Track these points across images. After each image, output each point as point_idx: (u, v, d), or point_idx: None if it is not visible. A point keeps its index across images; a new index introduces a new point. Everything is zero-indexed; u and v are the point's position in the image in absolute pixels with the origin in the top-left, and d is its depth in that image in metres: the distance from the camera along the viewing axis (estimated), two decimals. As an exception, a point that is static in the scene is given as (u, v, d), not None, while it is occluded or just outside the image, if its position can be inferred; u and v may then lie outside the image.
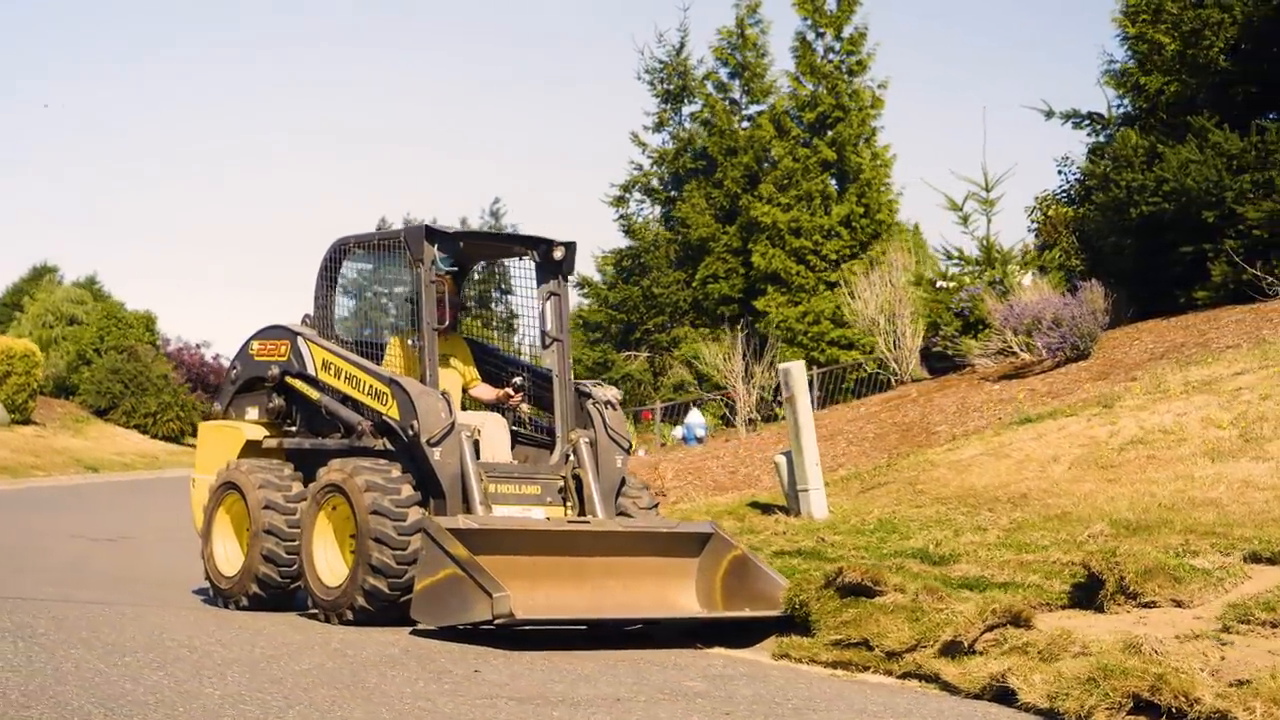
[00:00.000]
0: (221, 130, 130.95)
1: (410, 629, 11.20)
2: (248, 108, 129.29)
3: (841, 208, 36.91)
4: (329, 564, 11.93)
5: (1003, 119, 79.64)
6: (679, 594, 11.99)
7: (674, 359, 38.80)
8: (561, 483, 12.28)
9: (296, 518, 12.41)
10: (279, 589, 12.50)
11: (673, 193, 41.80)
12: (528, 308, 13.28)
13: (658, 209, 42.29)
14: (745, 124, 40.85)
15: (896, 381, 25.92)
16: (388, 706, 7.83)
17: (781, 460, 16.40)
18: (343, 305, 13.54)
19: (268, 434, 13.29)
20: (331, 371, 12.56)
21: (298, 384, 12.97)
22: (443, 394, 11.89)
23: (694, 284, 39.68)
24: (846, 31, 37.94)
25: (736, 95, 41.30)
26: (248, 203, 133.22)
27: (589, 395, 12.59)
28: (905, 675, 9.77)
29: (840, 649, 10.28)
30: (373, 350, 12.95)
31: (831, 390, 32.84)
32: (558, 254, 12.76)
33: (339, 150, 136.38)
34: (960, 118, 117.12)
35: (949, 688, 9.31)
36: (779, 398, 29.94)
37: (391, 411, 11.87)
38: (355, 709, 7.71)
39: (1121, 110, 26.92)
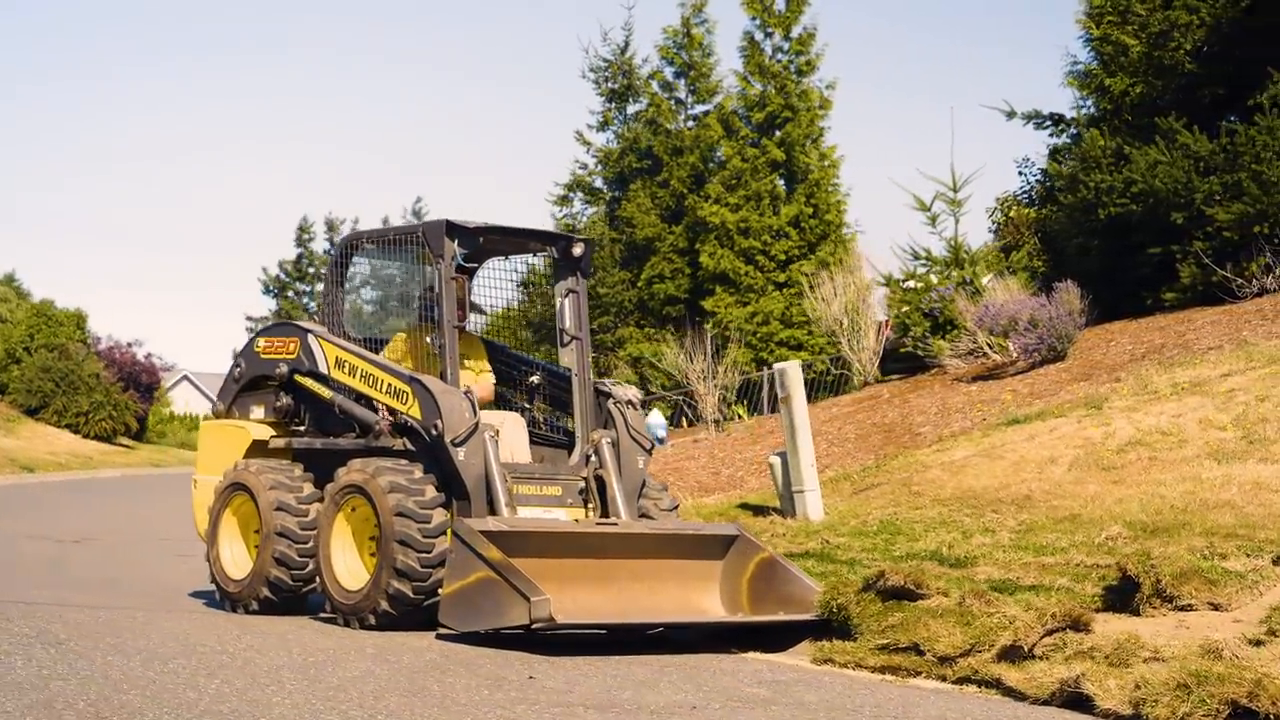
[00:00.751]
0: (142, 132, 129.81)
1: (435, 633, 10.93)
2: (170, 109, 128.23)
3: (790, 208, 36.75)
4: (348, 567, 11.61)
5: (960, 120, 79.96)
6: (703, 597, 11.75)
7: (619, 359, 38.52)
8: (582, 484, 12.02)
9: (309, 519, 12.09)
10: (290, 593, 12.16)
11: (616, 193, 41.51)
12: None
13: (602, 208, 41.99)
14: (691, 124, 40.60)
15: (861, 382, 25.78)
16: (471, 716, 7.55)
17: (776, 461, 16.21)
18: (351, 301, 13.13)
19: (275, 433, 12.94)
20: (345, 370, 12.22)
21: (308, 382, 12.63)
22: (465, 392, 11.60)
23: (639, 284, 39.41)
24: (795, 31, 37.80)
25: (682, 95, 41.04)
26: (170, 203, 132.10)
27: (609, 395, 12.33)
28: (960, 681, 9.57)
29: (888, 653, 10.07)
30: (380, 348, 12.62)
31: (773, 391, 32.62)
32: (577, 250, 12.50)
33: (268, 150, 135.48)
34: (907, 119, 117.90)
35: (1013, 693, 9.12)
36: (739, 398, 29.87)
37: (413, 411, 11.56)
38: None
39: (1084, 111, 26.91)
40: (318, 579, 11.76)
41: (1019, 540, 13.01)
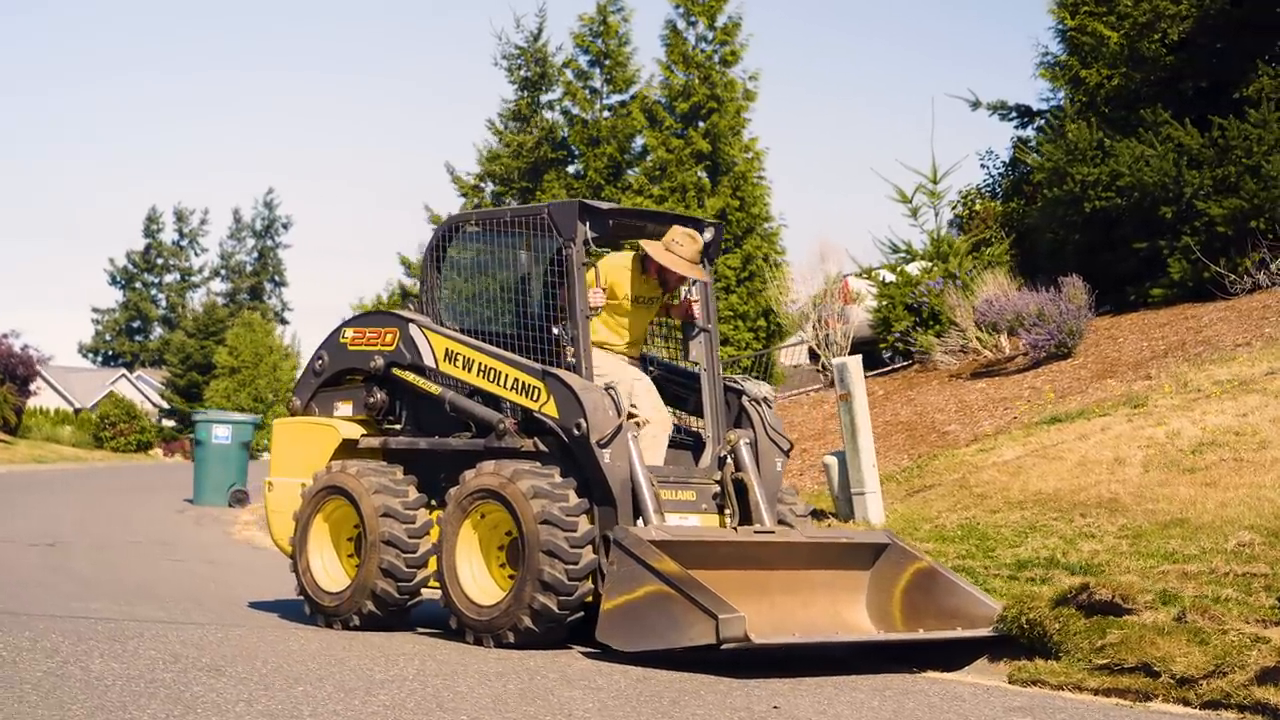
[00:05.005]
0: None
1: (581, 650, 10.01)
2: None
3: (716, 200, 35.97)
4: (476, 579, 10.57)
5: (919, 112, 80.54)
6: (850, 610, 10.89)
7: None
8: (717, 488, 11.09)
9: (418, 527, 11.05)
10: (397, 606, 11.09)
11: (528, 183, 40.42)
12: None
13: (513, 201, 40.89)
14: (606, 114, 39.65)
15: (831, 378, 25.01)
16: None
17: (832, 461, 15.43)
18: (447, 289, 12.04)
19: (365, 432, 11.86)
20: (459, 363, 11.17)
21: (408, 376, 11.56)
22: (608, 388, 10.60)
23: (555, 277, 38.37)
24: (720, 21, 37.06)
25: (597, 84, 40.08)
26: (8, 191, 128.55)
27: (741, 391, 11.41)
28: (1210, 705, 8.78)
29: (1112, 674, 9.27)
30: (488, 339, 11.50)
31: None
32: (707, 235, 11.55)
33: (115, 135, 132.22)
34: (861, 112, 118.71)
35: (1291, 719, 8.37)
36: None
37: (548, 409, 10.53)
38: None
39: (1056, 104, 26.43)
40: (441, 593, 10.69)
41: (1136, 547, 12.27)
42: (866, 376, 24.23)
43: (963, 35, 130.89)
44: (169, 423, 69.17)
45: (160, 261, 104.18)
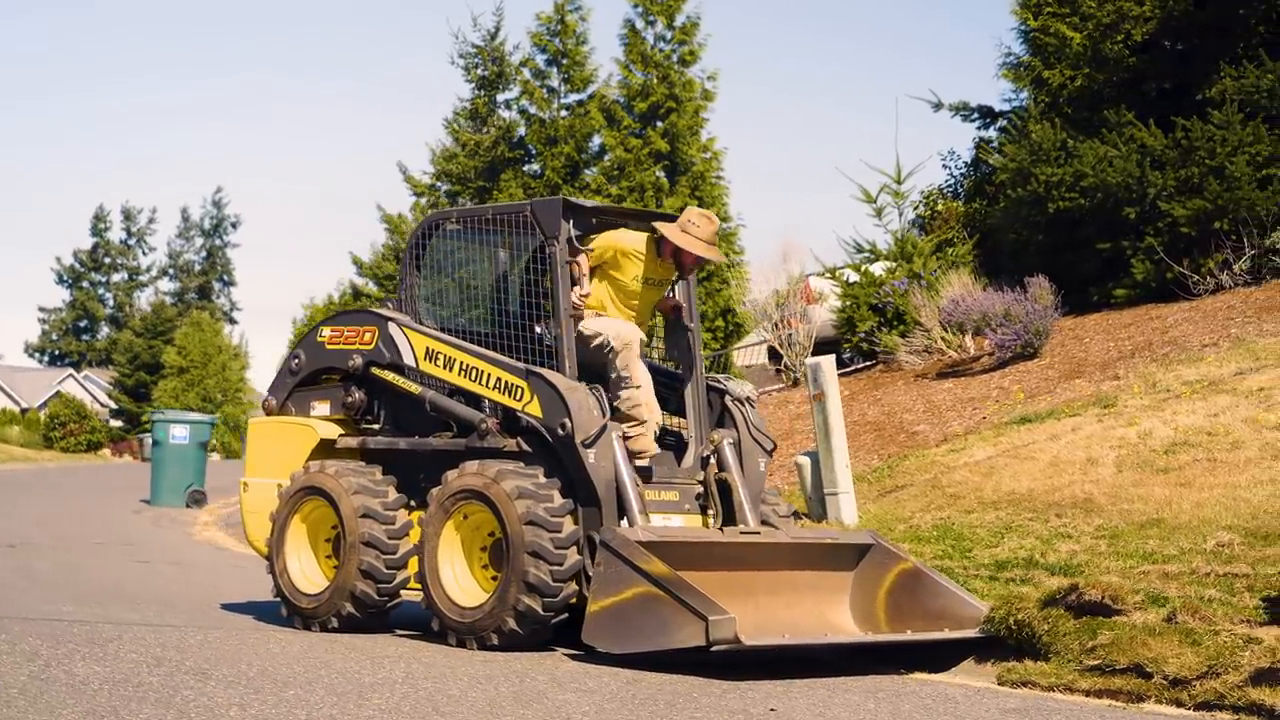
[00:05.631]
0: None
1: (565, 651, 9.92)
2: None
3: (674, 200, 35.81)
4: (458, 581, 10.45)
5: (881, 113, 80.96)
6: (834, 612, 10.83)
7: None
8: (700, 488, 11.00)
9: (398, 528, 10.93)
10: (376, 608, 10.97)
11: (484, 183, 40.14)
12: None
13: (468, 201, 40.62)
14: (564, 113, 39.46)
15: (791, 379, 24.96)
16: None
17: (805, 461, 15.37)
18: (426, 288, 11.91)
19: (343, 432, 11.71)
20: (439, 362, 11.04)
21: (387, 375, 11.43)
22: (592, 388, 10.50)
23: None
24: (679, 20, 36.93)
25: (554, 83, 39.85)
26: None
27: (724, 391, 11.33)
28: (1205, 706, 8.75)
29: (1104, 675, 9.22)
30: (468, 338, 11.38)
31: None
32: (697, 232, 11.45)
33: (62, 134, 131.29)
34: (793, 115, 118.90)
35: (1287, 721, 8.33)
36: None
37: (531, 409, 10.42)
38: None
39: (1018, 105, 26.44)
40: (423, 595, 10.57)
41: (1115, 547, 12.24)
42: (843, 375, 24.29)
43: (926, 35, 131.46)
44: (117, 423, 68.69)
45: (108, 260, 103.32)
